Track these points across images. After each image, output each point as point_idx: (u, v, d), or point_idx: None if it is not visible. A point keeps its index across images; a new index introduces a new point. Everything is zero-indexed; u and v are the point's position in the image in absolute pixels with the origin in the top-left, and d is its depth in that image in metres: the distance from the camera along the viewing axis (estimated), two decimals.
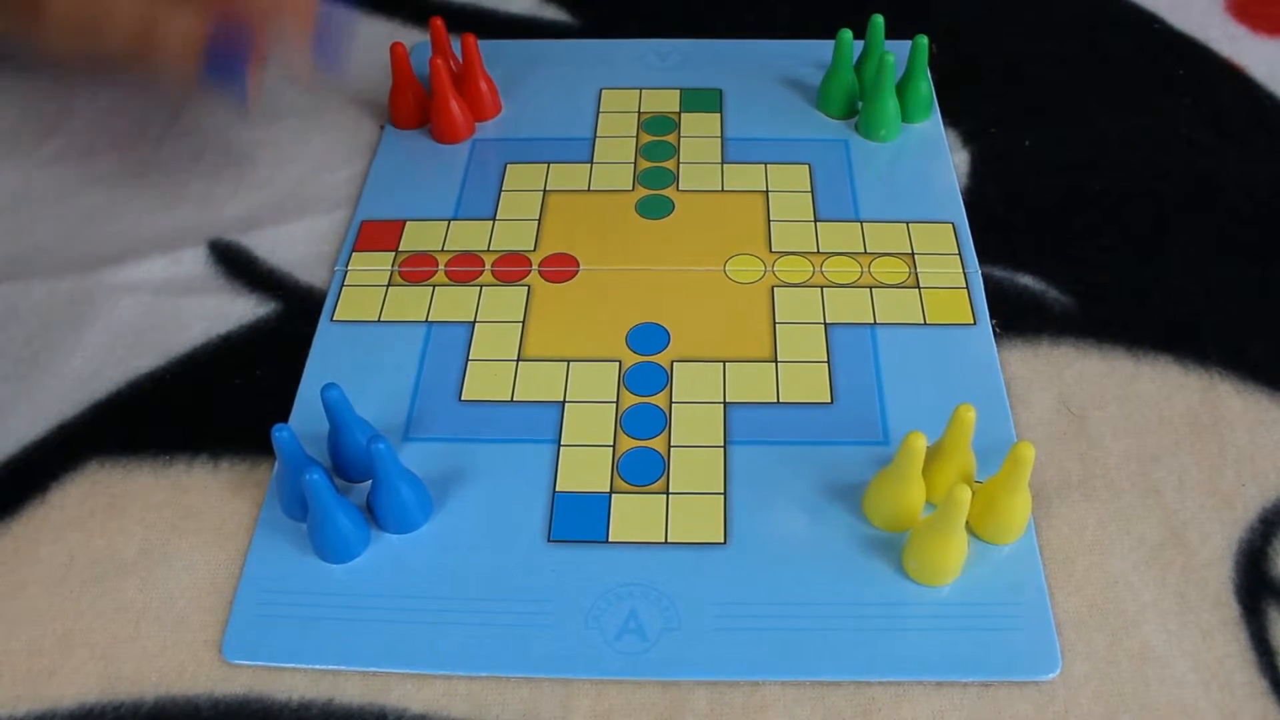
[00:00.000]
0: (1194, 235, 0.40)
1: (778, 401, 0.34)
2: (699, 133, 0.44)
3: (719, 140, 0.44)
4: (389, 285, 0.38)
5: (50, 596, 0.31)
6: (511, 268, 0.39)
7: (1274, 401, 0.35)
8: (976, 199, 0.41)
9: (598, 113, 0.45)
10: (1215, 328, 0.37)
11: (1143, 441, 0.34)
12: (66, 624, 0.30)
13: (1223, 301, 0.38)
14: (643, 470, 0.32)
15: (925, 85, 0.43)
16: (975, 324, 0.36)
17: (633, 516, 0.31)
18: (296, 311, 0.38)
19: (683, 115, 0.45)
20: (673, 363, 0.35)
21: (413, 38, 0.50)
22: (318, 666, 0.29)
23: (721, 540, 0.31)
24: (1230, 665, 0.29)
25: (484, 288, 0.38)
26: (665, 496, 0.32)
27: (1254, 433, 0.34)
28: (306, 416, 0.34)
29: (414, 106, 0.44)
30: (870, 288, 0.38)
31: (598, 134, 0.44)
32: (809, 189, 0.41)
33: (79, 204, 0.42)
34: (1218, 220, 0.40)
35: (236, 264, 0.40)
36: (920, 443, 0.29)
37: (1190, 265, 0.39)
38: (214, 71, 0.36)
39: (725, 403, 0.34)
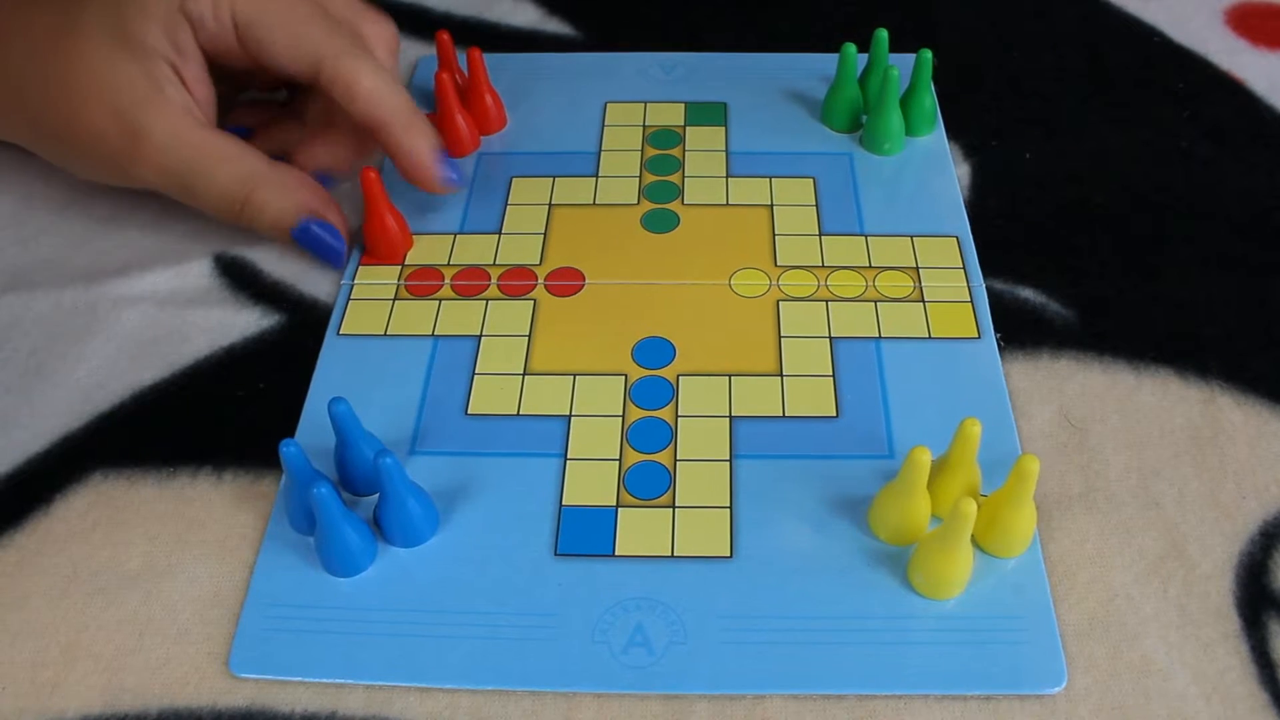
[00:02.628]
0: (1194, 248, 0.40)
1: (783, 415, 0.34)
2: (704, 146, 0.44)
3: (724, 154, 0.44)
4: (395, 299, 0.38)
5: (53, 608, 0.31)
6: (517, 281, 0.39)
7: (1274, 414, 0.35)
8: (977, 212, 0.41)
9: (602, 126, 0.45)
10: (1216, 340, 0.37)
11: (1143, 454, 0.34)
12: (70, 636, 0.30)
13: (1223, 314, 0.38)
14: (649, 484, 0.33)
15: (929, 99, 0.44)
16: (980, 338, 0.37)
17: (639, 530, 0.32)
18: (300, 324, 0.38)
19: (687, 129, 0.45)
20: (678, 377, 0.36)
21: (416, 50, 0.50)
22: (325, 680, 0.29)
23: (728, 554, 0.31)
24: (1231, 678, 0.29)
25: (490, 302, 0.38)
26: (671, 510, 0.32)
27: (1254, 446, 0.34)
28: (313, 430, 0.34)
29: (394, 235, 0.40)
30: (875, 302, 0.38)
31: (603, 148, 0.44)
32: (814, 203, 0.41)
33: (83, 215, 0.42)
34: (1218, 233, 0.41)
35: (241, 276, 0.40)
36: (926, 457, 0.29)
37: (1191, 278, 0.39)
38: (304, 240, 0.39)
39: (731, 417, 0.34)
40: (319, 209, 0.39)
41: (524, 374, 0.36)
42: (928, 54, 0.43)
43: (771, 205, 0.41)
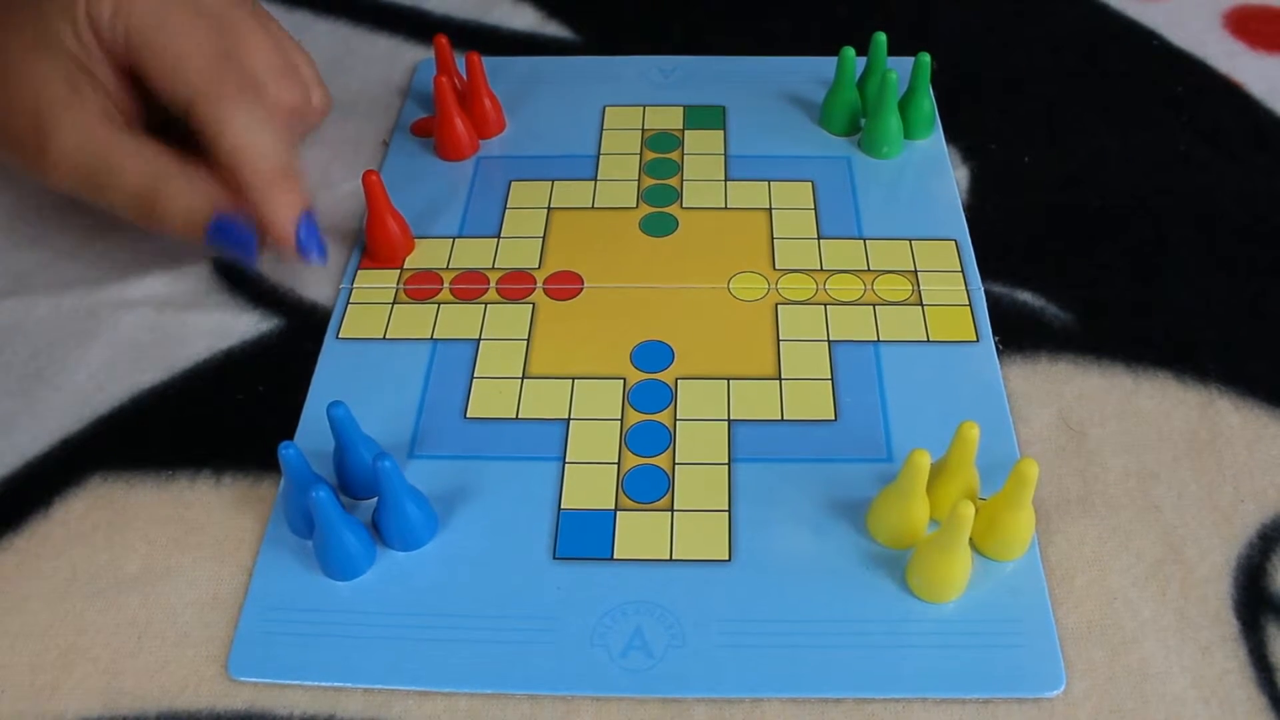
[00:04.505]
0: (1192, 251, 0.40)
1: (782, 419, 0.34)
2: (702, 150, 0.44)
3: (722, 157, 0.44)
4: (394, 303, 0.38)
5: (53, 611, 0.31)
6: (516, 285, 0.39)
7: (1273, 418, 0.35)
8: (975, 215, 0.41)
9: (601, 130, 0.45)
10: (1214, 344, 0.37)
11: (1142, 458, 0.34)
12: (69, 639, 0.30)
13: (1221, 318, 0.38)
14: (647, 487, 0.33)
15: (928, 102, 0.44)
16: (978, 341, 0.37)
17: (638, 534, 0.32)
18: (299, 328, 0.38)
19: (686, 132, 0.45)
20: (677, 380, 0.36)
21: (415, 54, 0.50)
22: (323, 683, 0.29)
23: (726, 557, 0.31)
24: (1229, 681, 0.29)
25: (489, 305, 0.38)
26: (670, 514, 0.32)
27: (1253, 449, 0.34)
28: (312, 433, 0.34)
29: (395, 239, 0.39)
30: (873, 305, 0.38)
31: (601, 151, 0.44)
32: (812, 206, 0.42)
33: (82, 219, 0.42)
34: (1216, 236, 0.41)
35: (240, 280, 0.40)
36: (924, 460, 0.29)
37: (1189, 281, 0.39)
38: (217, 239, 0.37)
39: (729, 420, 0.34)
40: (228, 207, 0.36)
41: (523, 377, 0.36)
42: (926, 57, 0.43)
43: (770, 209, 0.42)
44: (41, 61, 0.36)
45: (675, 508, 0.32)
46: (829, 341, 0.37)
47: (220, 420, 0.35)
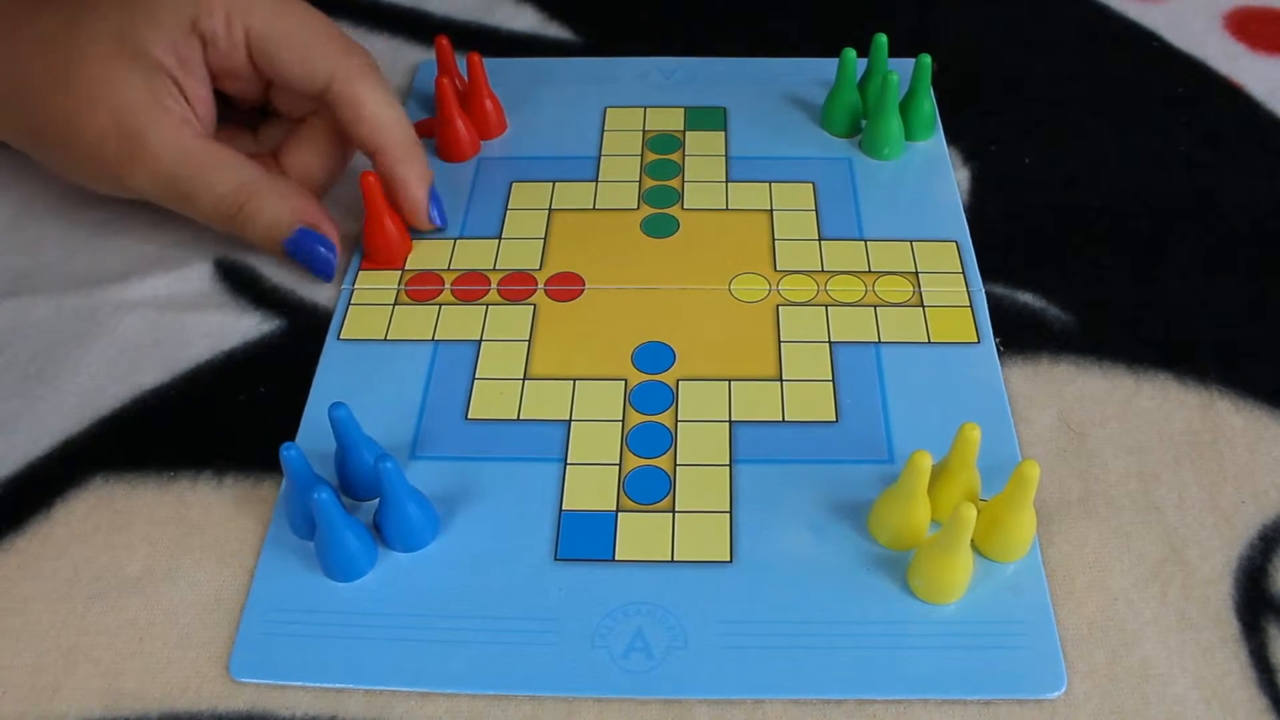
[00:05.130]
0: (1193, 252, 0.40)
1: (783, 420, 0.34)
2: (703, 151, 0.44)
3: (723, 159, 0.44)
4: (395, 304, 0.38)
5: (54, 612, 0.31)
6: (517, 286, 0.39)
7: (1273, 419, 0.35)
8: (976, 216, 0.42)
9: (602, 131, 0.45)
10: (1215, 345, 0.37)
11: (1143, 459, 0.34)
12: (70, 640, 0.30)
13: (1222, 319, 0.38)
14: (649, 489, 0.33)
15: (928, 104, 0.44)
16: (979, 343, 0.37)
17: (639, 535, 0.32)
18: (300, 329, 0.38)
19: (687, 133, 0.45)
20: (678, 381, 0.36)
21: (416, 55, 0.50)
22: (325, 685, 0.29)
23: (727, 558, 0.31)
24: (1230, 683, 0.29)
25: (490, 307, 0.38)
26: (671, 515, 0.32)
27: (1254, 450, 0.34)
28: (314, 434, 0.34)
29: (394, 240, 0.40)
30: (874, 306, 0.38)
31: (602, 152, 0.44)
32: (813, 207, 0.42)
33: (83, 220, 0.42)
34: (1217, 237, 0.41)
35: (241, 281, 0.40)
36: (926, 461, 0.29)
37: (1189, 282, 0.39)
38: (298, 250, 0.38)
39: (731, 421, 0.34)
40: (314, 220, 0.38)
41: (524, 379, 0.36)
42: (927, 59, 0.43)
43: (771, 210, 0.42)
44: (124, 70, 0.36)
45: (676, 509, 0.32)
46: (830, 343, 0.37)
47: (222, 421, 0.35)
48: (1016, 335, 0.37)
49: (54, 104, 0.37)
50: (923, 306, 0.38)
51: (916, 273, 0.39)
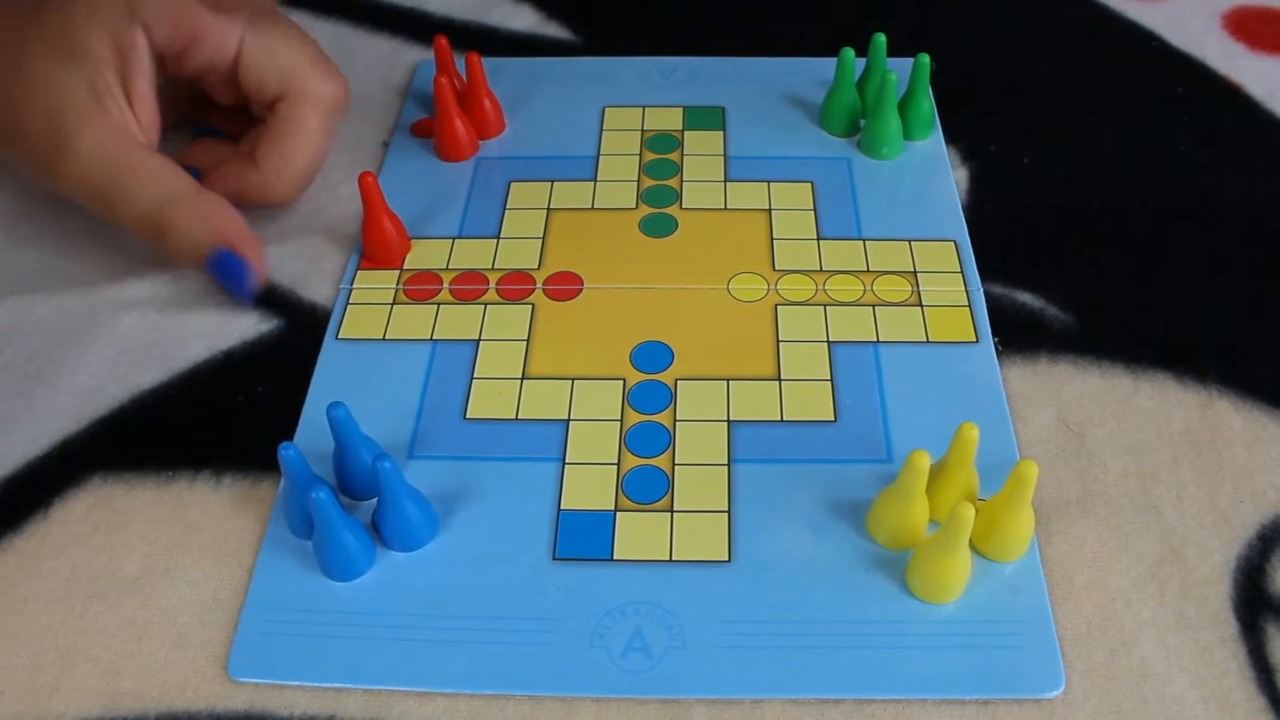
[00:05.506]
0: (1192, 252, 0.40)
1: (781, 420, 0.34)
2: (702, 151, 0.44)
3: (722, 158, 0.44)
4: (394, 303, 0.38)
5: (52, 612, 0.31)
6: (516, 286, 0.39)
7: (1272, 419, 0.35)
8: (975, 216, 0.42)
9: (601, 130, 0.45)
10: (1214, 345, 0.37)
11: (1141, 458, 0.34)
12: (69, 640, 0.30)
13: (1221, 319, 0.38)
14: (647, 488, 0.33)
15: (927, 103, 0.44)
16: (978, 342, 0.37)
17: (637, 534, 0.32)
18: (299, 328, 0.38)
19: (686, 133, 0.45)
20: (676, 381, 0.36)
21: (415, 55, 0.50)
22: (323, 684, 0.29)
23: (726, 558, 0.31)
24: (1229, 682, 0.29)
25: (488, 306, 0.38)
26: (670, 514, 0.32)
27: (1252, 450, 0.34)
28: (312, 434, 0.34)
29: (392, 240, 0.40)
30: (873, 306, 0.38)
31: (601, 152, 0.44)
32: (812, 207, 0.42)
33: (82, 220, 0.42)
34: (1216, 237, 0.41)
35: None
36: (924, 461, 0.29)
37: (1188, 282, 0.39)
38: (215, 270, 0.38)
39: (729, 421, 0.34)
40: (233, 242, 0.37)
41: (522, 378, 0.36)
42: (925, 58, 0.43)
43: (769, 209, 0.42)
44: (67, 69, 0.36)
45: (675, 508, 0.32)
46: (828, 342, 0.37)
47: (220, 421, 0.35)
48: (1015, 335, 0.37)
49: (2, 102, 0.36)
50: (921, 306, 0.38)
51: (915, 272, 0.39)
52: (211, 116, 0.44)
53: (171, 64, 0.39)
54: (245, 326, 0.38)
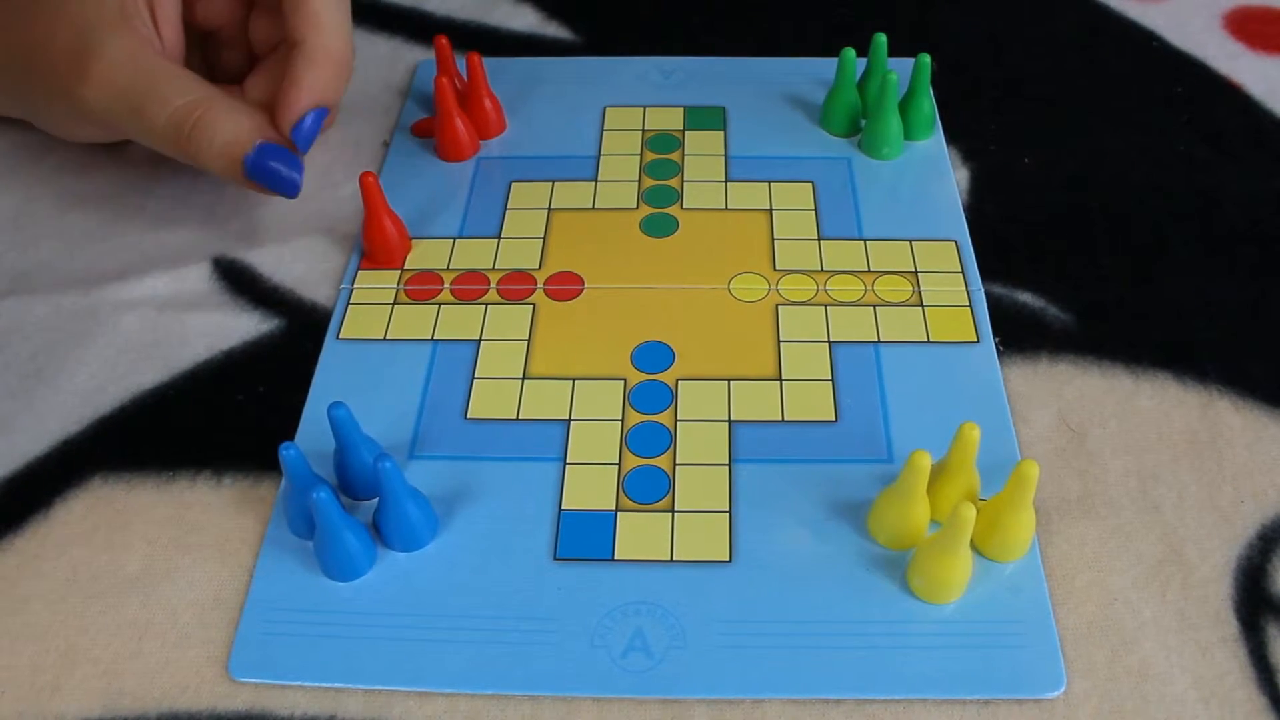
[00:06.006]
0: (1192, 252, 0.40)
1: (782, 420, 0.34)
2: (703, 150, 0.44)
3: (723, 158, 0.44)
4: (394, 304, 0.38)
5: (53, 612, 0.31)
6: (517, 286, 0.39)
7: (1273, 418, 0.35)
8: (976, 216, 0.42)
9: (602, 130, 0.45)
10: (1214, 345, 0.37)
11: (1142, 458, 0.34)
12: (69, 640, 0.30)
13: (1221, 318, 0.38)
14: (648, 488, 0.33)
15: (928, 103, 0.44)
16: (978, 342, 0.37)
17: (638, 534, 0.32)
18: (300, 328, 0.38)
19: (686, 133, 0.45)
20: (677, 381, 0.36)
21: (415, 54, 0.50)
22: (324, 684, 0.29)
23: (726, 558, 0.31)
24: (1230, 682, 0.29)
25: (489, 306, 0.38)
26: (670, 514, 0.32)
27: (1253, 449, 0.34)
28: (313, 434, 0.34)
29: (393, 239, 0.39)
30: (874, 306, 0.38)
31: (602, 152, 0.44)
32: (812, 207, 0.42)
33: (81, 220, 0.42)
34: (1216, 237, 0.41)
35: (240, 280, 0.40)
36: (925, 461, 0.29)
37: (1189, 282, 0.39)
38: (258, 170, 0.37)
39: (730, 421, 0.34)
40: (274, 137, 0.37)
41: (523, 378, 0.36)
42: (926, 58, 0.43)
43: (770, 209, 0.42)
44: None
45: (676, 508, 0.32)
46: (829, 342, 0.37)
47: (221, 421, 0.35)
48: (1016, 335, 0.37)
49: (24, 21, 0.36)
50: (922, 306, 0.38)
51: (916, 272, 0.39)
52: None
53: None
54: (246, 326, 0.38)
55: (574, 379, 0.36)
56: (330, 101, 0.38)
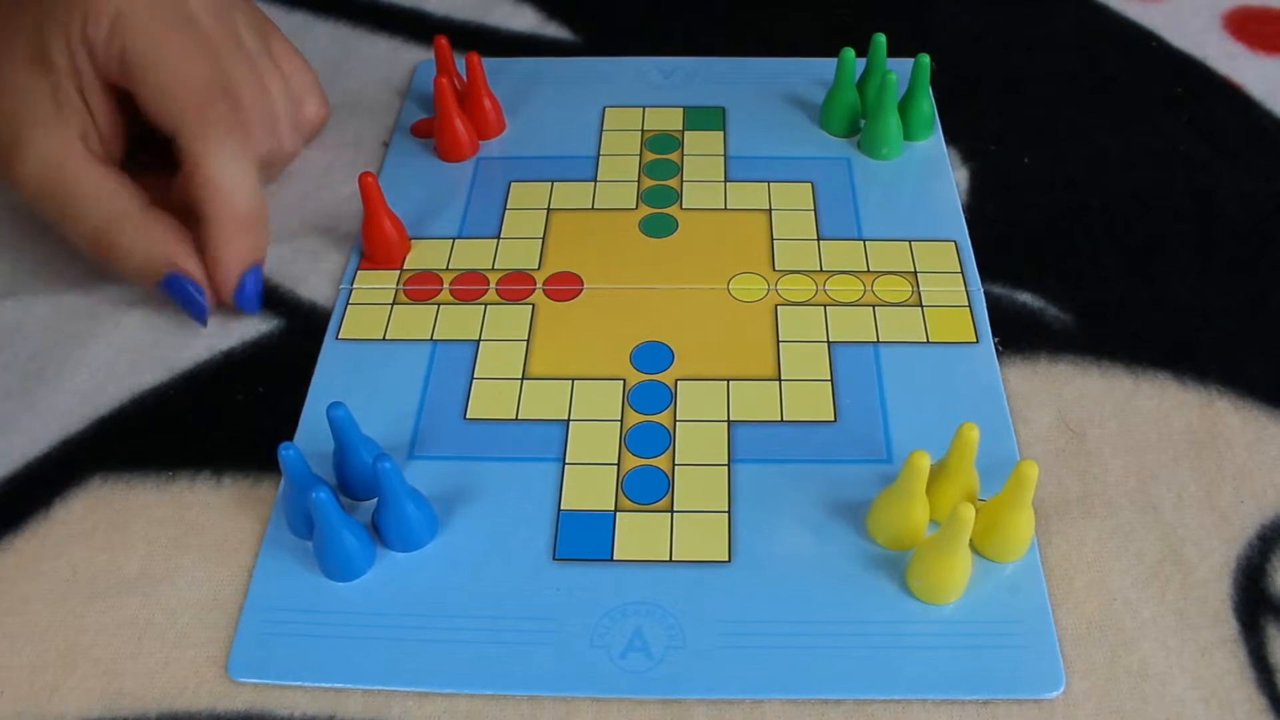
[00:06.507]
0: (1192, 252, 0.40)
1: (781, 420, 0.34)
2: (702, 151, 0.44)
3: (722, 158, 0.44)
4: (394, 304, 0.38)
5: (53, 612, 0.31)
6: (516, 286, 0.39)
7: (1272, 418, 0.35)
8: (975, 216, 0.42)
9: (601, 131, 0.45)
10: (1213, 345, 0.37)
11: (1141, 458, 0.34)
12: (69, 640, 0.30)
13: (1221, 319, 0.38)
14: (647, 488, 0.33)
15: (927, 104, 0.44)
16: (978, 342, 0.37)
17: (637, 535, 0.32)
18: (299, 328, 0.38)
19: (686, 133, 0.45)
20: (677, 381, 0.36)
21: (415, 55, 0.50)
22: (323, 684, 0.29)
23: (726, 558, 0.31)
24: (1229, 683, 0.29)
25: (488, 306, 0.38)
26: (670, 515, 0.32)
27: (1252, 450, 0.34)
28: (312, 434, 0.34)
29: (392, 240, 0.39)
30: (873, 306, 0.38)
31: (601, 152, 0.44)
32: (812, 207, 0.42)
33: None
34: (1216, 237, 0.41)
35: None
36: (924, 461, 0.29)
37: (1188, 282, 0.39)
38: (169, 292, 0.37)
39: (729, 421, 0.34)
40: (182, 264, 0.36)
41: (522, 379, 0.36)
42: (926, 59, 0.43)
43: (770, 210, 0.42)
44: (31, 75, 0.36)
45: (675, 508, 0.32)
46: (829, 342, 0.37)
47: (220, 421, 0.35)
48: (1015, 335, 0.37)
49: None
50: (921, 306, 0.38)
51: (915, 272, 0.39)
52: None
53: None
54: (245, 326, 0.38)
55: (573, 379, 0.36)
56: (259, 259, 0.38)
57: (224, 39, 0.38)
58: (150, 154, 0.39)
